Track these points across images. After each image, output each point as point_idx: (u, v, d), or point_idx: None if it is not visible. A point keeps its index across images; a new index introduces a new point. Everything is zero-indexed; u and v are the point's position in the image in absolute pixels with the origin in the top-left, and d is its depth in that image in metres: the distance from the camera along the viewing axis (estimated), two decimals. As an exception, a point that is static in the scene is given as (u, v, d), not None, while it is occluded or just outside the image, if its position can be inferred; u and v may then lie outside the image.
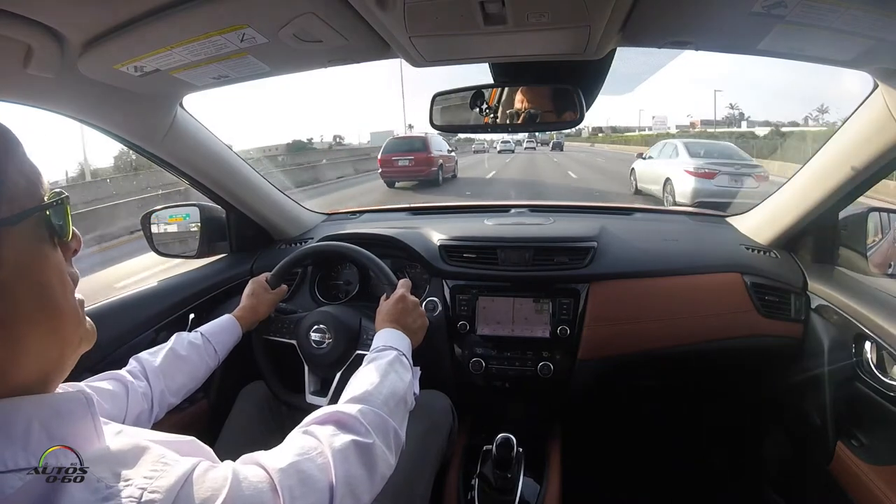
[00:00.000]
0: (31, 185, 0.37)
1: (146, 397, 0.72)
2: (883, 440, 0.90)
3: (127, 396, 0.69)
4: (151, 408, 0.73)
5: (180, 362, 0.80)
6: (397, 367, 0.71)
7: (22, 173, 0.37)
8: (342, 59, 0.83)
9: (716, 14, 0.66)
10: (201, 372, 0.84)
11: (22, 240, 0.35)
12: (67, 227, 0.40)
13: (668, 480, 1.37)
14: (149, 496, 0.33)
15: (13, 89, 0.74)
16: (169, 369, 0.78)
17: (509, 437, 0.94)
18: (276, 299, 1.03)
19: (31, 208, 0.36)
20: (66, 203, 0.40)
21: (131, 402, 0.69)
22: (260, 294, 1.00)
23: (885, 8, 0.60)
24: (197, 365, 0.83)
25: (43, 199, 0.38)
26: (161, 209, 1.28)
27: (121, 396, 0.68)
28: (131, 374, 0.73)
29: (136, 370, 0.75)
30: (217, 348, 0.87)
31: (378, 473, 0.54)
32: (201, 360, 0.84)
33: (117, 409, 0.66)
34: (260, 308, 0.99)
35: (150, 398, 0.73)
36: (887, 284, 1.00)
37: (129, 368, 0.75)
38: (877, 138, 0.85)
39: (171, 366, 0.78)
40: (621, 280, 1.14)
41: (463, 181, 11.99)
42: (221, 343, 0.88)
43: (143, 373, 0.75)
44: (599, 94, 1.05)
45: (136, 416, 0.70)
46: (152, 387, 0.74)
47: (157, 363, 0.77)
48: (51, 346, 0.37)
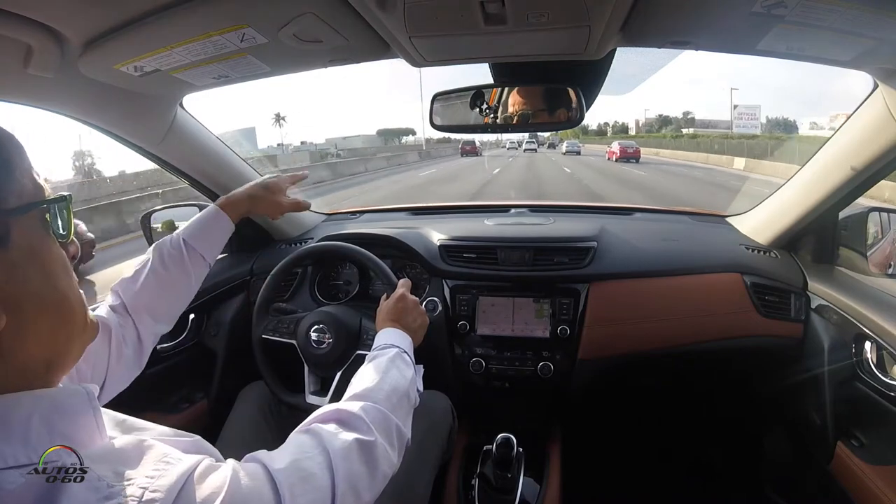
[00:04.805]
0: (35, 185, 0.39)
1: (131, 340, 0.67)
2: (883, 440, 0.90)
3: (109, 347, 0.64)
4: (140, 346, 0.68)
5: (164, 283, 0.72)
6: (399, 363, 0.71)
7: (28, 174, 0.38)
8: (342, 59, 0.83)
9: (716, 14, 0.66)
10: (192, 287, 0.76)
11: (28, 231, 0.37)
12: (69, 229, 0.41)
13: (668, 480, 1.37)
14: (150, 495, 0.33)
15: (13, 89, 0.74)
16: (153, 297, 0.70)
17: (509, 437, 0.94)
18: (285, 209, 0.90)
19: (37, 201, 0.38)
20: (69, 204, 0.41)
21: (114, 349, 0.64)
22: (272, 193, 0.86)
23: (885, 8, 0.60)
24: (184, 282, 0.75)
25: (46, 199, 0.39)
26: (161, 209, 1.28)
27: (101, 353, 0.62)
28: (114, 310, 0.68)
29: (118, 305, 0.68)
30: (205, 254, 0.77)
31: (380, 471, 0.54)
32: (186, 275, 0.75)
33: (98, 363, 0.61)
34: (261, 203, 0.86)
35: (136, 335, 0.68)
36: (887, 284, 1.00)
37: (110, 303, 0.69)
38: (877, 138, 0.85)
39: (154, 289, 0.70)
40: (621, 280, 1.14)
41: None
42: (209, 245, 0.78)
43: (123, 307, 0.69)
44: (599, 94, 1.05)
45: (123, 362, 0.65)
46: (137, 323, 0.68)
47: (137, 289, 0.70)
48: (56, 332, 0.38)
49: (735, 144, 25.38)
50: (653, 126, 68.20)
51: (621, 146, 22.55)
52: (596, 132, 73.54)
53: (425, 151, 27.10)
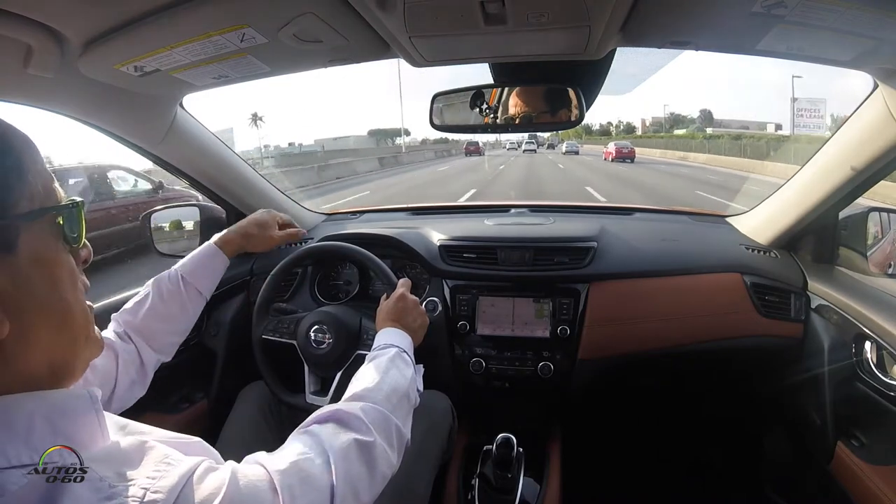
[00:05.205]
0: (47, 188, 0.38)
1: (134, 363, 0.69)
2: (883, 440, 0.90)
3: (116, 368, 0.66)
4: (143, 370, 0.70)
5: (163, 316, 0.75)
6: (398, 363, 0.71)
7: (40, 176, 0.38)
8: (342, 59, 0.83)
9: (716, 14, 0.66)
10: (190, 320, 0.79)
11: (37, 237, 0.36)
12: (80, 234, 0.41)
13: (668, 480, 1.37)
14: (151, 496, 0.33)
15: (13, 89, 0.74)
16: (152, 326, 0.73)
17: (509, 437, 0.94)
18: (279, 241, 0.96)
19: (47, 207, 0.38)
20: (81, 209, 0.41)
21: (121, 371, 0.66)
22: (265, 227, 0.92)
23: (885, 8, 0.60)
24: (180, 316, 0.77)
25: (58, 203, 0.39)
26: (161, 209, 1.28)
27: (109, 370, 0.65)
28: (117, 335, 0.70)
29: (121, 332, 0.71)
30: (201, 289, 0.81)
31: (379, 472, 0.54)
32: (184, 309, 0.78)
33: (106, 382, 0.63)
34: (255, 240, 0.91)
35: (140, 361, 0.70)
36: (887, 284, 1.00)
37: (113, 329, 0.71)
38: (877, 138, 0.85)
39: (153, 321, 0.73)
40: (621, 280, 1.14)
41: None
42: (205, 280, 0.81)
43: (126, 334, 0.71)
44: (600, 94, 1.05)
45: (129, 386, 0.67)
46: (139, 349, 0.70)
47: (137, 321, 0.72)
48: (59, 342, 0.38)
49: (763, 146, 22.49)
50: (663, 126, 65.62)
51: (617, 146, 23.66)
52: (600, 132, 72.44)
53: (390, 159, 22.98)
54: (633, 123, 77.88)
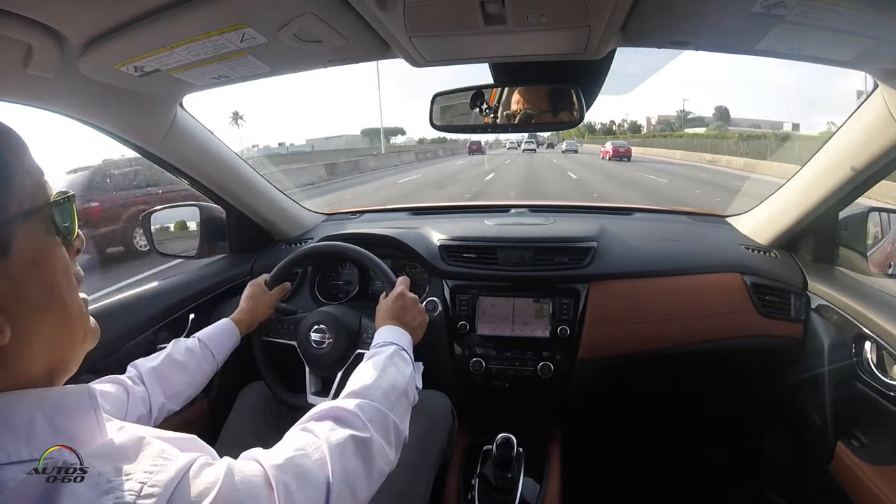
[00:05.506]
0: (36, 185, 0.38)
1: (145, 402, 0.73)
2: (883, 440, 0.90)
3: (127, 400, 0.69)
4: (150, 412, 0.73)
5: (178, 368, 0.80)
6: (397, 360, 0.71)
7: (29, 174, 0.37)
8: (342, 59, 0.83)
9: (716, 14, 0.66)
10: (200, 378, 0.84)
11: (30, 237, 0.36)
12: (73, 227, 0.40)
13: (668, 480, 1.37)
14: (148, 490, 0.33)
15: (13, 89, 0.74)
16: (167, 376, 0.78)
17: (509, 437, 0.94)
18: (275, 300, 1.03)
19: (37, 206, 0.37)
20: (72, 202, 0.41)
21: (131, 405, 0.69)
22: (258, 296, 1.00)
23: (885, 8, 0.60)
24: (195, 371, 0.83)
25: (49, 199, 0.39)
26: (161, 209, 1.28)
27: (121, 399, 0.69)
28: (131, 379, 0.74)
29: (135, 376, 0.75)
30: (215, 353, 0.87)
31: (376, 468, 0.54)
32: (199, 366, 0.84)
33: (117, 411, 0.67)
34: (258, 310, 0.99)
35: (149, 403, 0.73)
36: (887, 284, 1.00)
37: (128, 375, 0.75)
38: (877, 138, 0.85)
39: (168, 372, 0.79)
40: (621, 280, 1.14)
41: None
42: (219, 348, 0.89)
43: (140, 378, 0.75)
44: (600, 94, 1.05)
45: (136, 419, 0.70)
46: (150, 393, 0.74)
47: (154, 370, 0.77)
48: (56, 341, 0.38)
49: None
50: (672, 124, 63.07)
51: (614, 146, 24.03)
52: (604, 131, 71.61)
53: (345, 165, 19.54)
54: (639, 122, 77.27)
